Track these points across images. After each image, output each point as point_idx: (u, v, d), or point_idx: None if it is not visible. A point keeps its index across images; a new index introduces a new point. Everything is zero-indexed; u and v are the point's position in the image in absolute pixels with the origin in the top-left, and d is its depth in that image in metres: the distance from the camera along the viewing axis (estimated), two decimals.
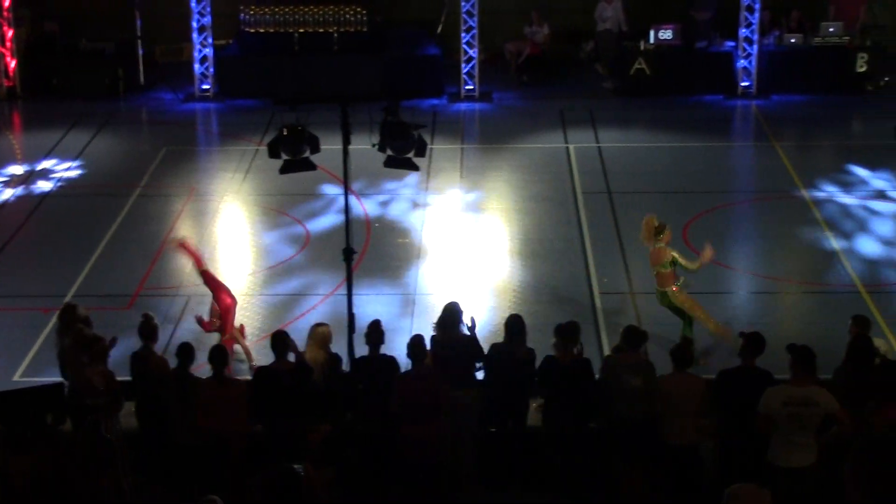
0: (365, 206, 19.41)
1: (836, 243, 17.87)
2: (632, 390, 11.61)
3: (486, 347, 12.51)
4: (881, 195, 19.66)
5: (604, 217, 19.04)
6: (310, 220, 19.01)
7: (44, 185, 20.76)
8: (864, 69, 25.09)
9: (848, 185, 20.17)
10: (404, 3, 27.25)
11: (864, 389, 11.28)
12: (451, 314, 12.58)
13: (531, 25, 26.35)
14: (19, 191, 20.55)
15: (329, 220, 18.85)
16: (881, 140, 21.83)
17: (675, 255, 14.62)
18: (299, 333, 12.93)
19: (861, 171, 20.69)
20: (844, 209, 19.17)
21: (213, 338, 14.28)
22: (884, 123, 22.40)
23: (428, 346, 12.09)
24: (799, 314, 16.13)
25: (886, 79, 25.21)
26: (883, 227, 18.52)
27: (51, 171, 21.37)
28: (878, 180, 20.25)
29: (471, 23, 24.94)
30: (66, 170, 21.44)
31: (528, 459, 12.16)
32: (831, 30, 25.13)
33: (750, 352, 11.51)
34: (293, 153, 12.99)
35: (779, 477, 10.62)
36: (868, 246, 17.84)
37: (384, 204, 19.61)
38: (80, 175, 21.26)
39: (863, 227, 18.53)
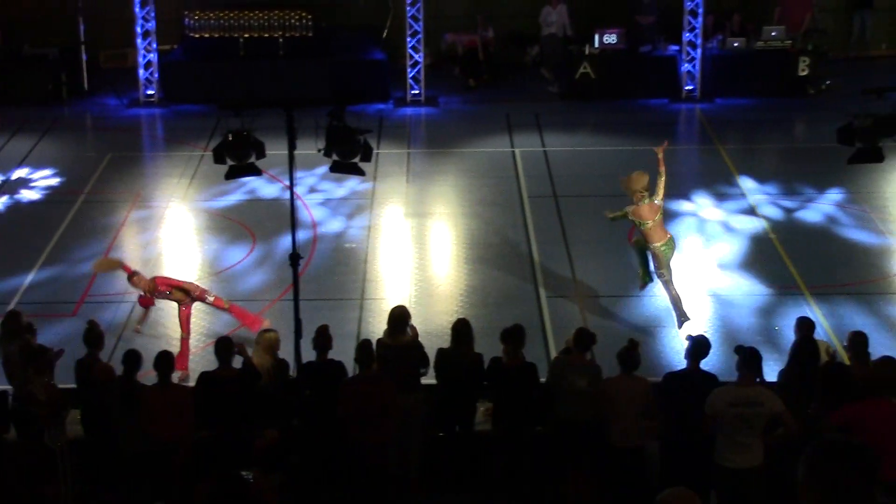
0: (311, 212, 19.37)
1: (780, 245, 18.02)
2: (577, 392, 11.68)
3: (433, 352, 12.53)
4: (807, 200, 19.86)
5: (550, 220, 19.11)
6: (256, 226, 18.94)
7: None
8: (805, 73, 25.36)
9: (788, 187, 20.36)
10: (350, 8, 27.23)
11: (809, 391, 11.40)
12: (397, 319, 12.59)
13: (477, 30, 26.44)
14: None
15: (275, 225, 18.78)
16: (824, 142, 22.03)
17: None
18: (246, 339, 12.89)
19: (804, 171, 20.91)
20: (787, 211, 19.34)
21: (160, 344, 14.20)
22: (826, 126, 22.59)
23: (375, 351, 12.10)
24: (746, 316, 16.25)
25: (828, 82, 25.48)
26: (826, 229, 18.70)
27: None
28: (827, 177, 20.46)
29: (416, 27, 24.97)
30: (9, 176, 21.25)
31: (476, 463, 12.19)
32: (774, 34, 25.37)
33: (695, 355, 11.59)
34: (239, 158, 12.96)
35: (725, 477, 10.71)
36: (811, 248, 18.01)
37: (332, 208, 19.57)
38: (24, 181, 21.07)
39: (806, 229, 18.70)
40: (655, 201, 15.11)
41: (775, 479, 10.79)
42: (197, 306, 15.13)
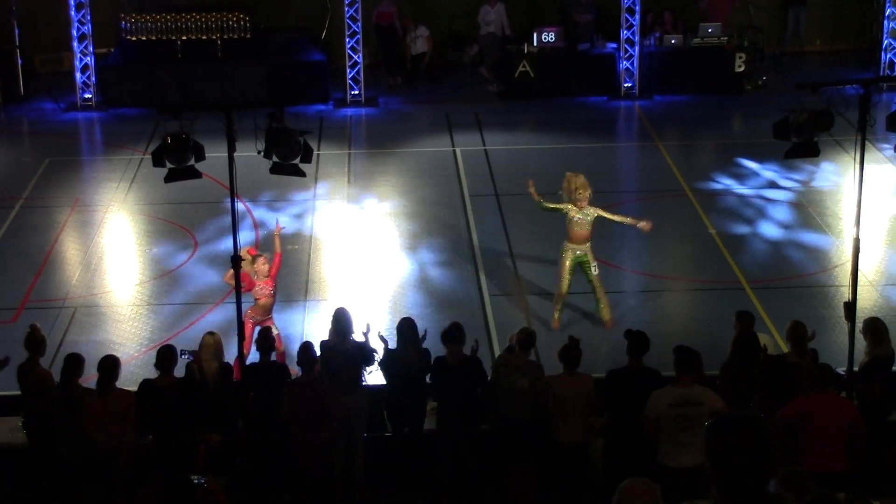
0: (253, 214, 19.30)
1: (719, 240, 18.18)
2: (519, 391, 11.74)
3: (379, 352, 12.56)
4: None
5: (492, 219, 19.16)
6: (197, 229, 18.85)
7: None
8: (742, 69, 25.58)
9: (729, 182, 20.55)
10: (288, 9, 27.13)
11: (750, 384, 11.52)
12: (340, 320, 12.59)
13: (412, 31, 26.39)
14: None
15: (216, 228, 18.71)
16: (761, 138, 22.23)
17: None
18: (189, 343, 12.83)
19: (745, 168, 21.11)
20: (726, 206, 19.51)
21: (104, 348, 14.08)
22: (763, 121, 22.80)
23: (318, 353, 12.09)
24: (685, 311, 16.38)
25: (764, 78, 25.73)
26: (765, 224, 18.88)
27: None
28: (765, 172, 20.66)
29: (355, 28, 24.93)
30: None
31: (421, 463, 12.22)
32: (710, 31, 25.56)
33: (635, 351, 11.66)
34: (178, 161, 12.88)
35: (668, 477, 10.77)
36: (751, 242, 18.19)
37: (273, 210, 19.51)
38: None
39: (746, 223, 18.87)
40: (597, 214, 15.20)
41: (718, 475, 10.87)
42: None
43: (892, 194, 19.84)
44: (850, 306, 12.59)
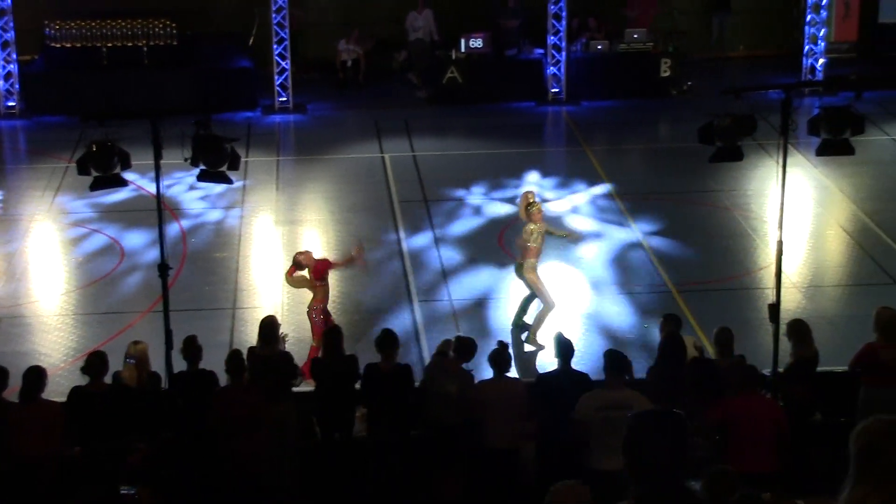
0: (180, 222, 19.18)
1: (646, 244, 18.33)
2: (447, 396, 11.78)
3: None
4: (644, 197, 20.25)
5: (421, 225, 19.19)
6: (124, 237, 18.71)
7: None
8: (668, 74, 25.84)
9: (652, 187, 20.75)
10: (215, 16, 26.99)
11: (677, 387, 11.62)
12: (268, 328, 12.56)
13: (348, 40, 26.32)
14: None
15: (143, 236, 18.56)
16: (687, 142, 22.46)
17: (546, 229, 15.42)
18: (116, 352, 12.73)
19: (668, 171, 21.33)
20: (653, 210, 19.66)
21: (30, 359, 13.92)
22: (688, 126, 23.04)
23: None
24: (613, 316, 16.50)
25: (689, 83, 25.99)
26: (691, 228, 19.07)
27: None
28: (687, 176, 20.86)
29: (282, 34, 24.87)
30: None
31: (352, 469, 12.21)
32: (636, 36, 25.80)
33: (563, 355, 11.71)
34: (103, 169, 12.78)
35: (598, 480, 10.82)
36: (677, 246, 18.35)
37: (201, 218, 19.41)
38: None
39: (672, 227, 19.03)
40: (546, 228, 15.37)
41: (636, 473, 10.96)
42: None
43: (813, 197, 20.12)
44: (775, 308, 12.75)
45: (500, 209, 19.61)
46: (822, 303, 16.52)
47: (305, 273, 14.61)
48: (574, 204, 20.01)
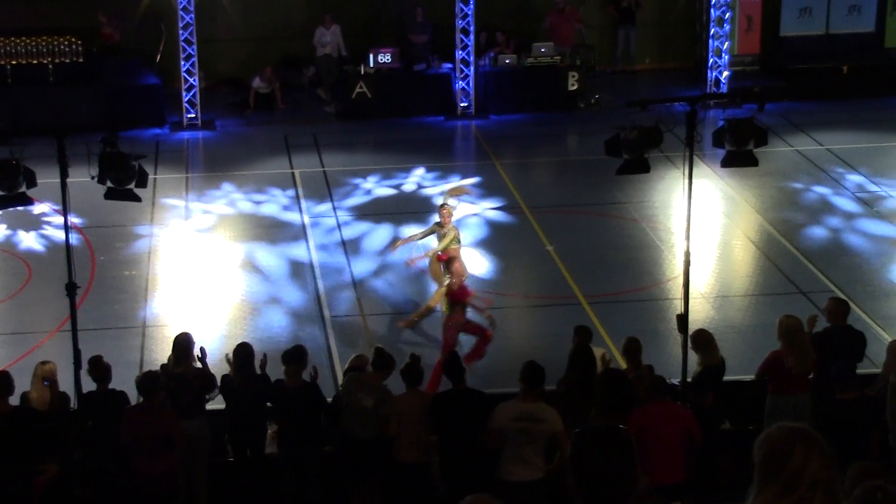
0: (89, 240, 18.96)
1: (557, 256, 18.46)
2: (363, 410, 11.78)
3: (219, 377, 12.48)
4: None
5: (332, 239, 19.17)
6: (31, 256, 18.47)
7: None
8: (575, 87, 26.07)
9: (565, 199, 20.92)
10: (121, 33, 26.68)
11: (587, 398, 11.72)
12: (182, 345, 12.48)
13: (262, 78, 26.02)
14: None
15: (52, 255, 18.32)
16: (594, 155, 22.68)
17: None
18: (23, 373, 12.57)
19: (580, 184, 21.51)
20: (562, 223, 19.81)
21: None
22: (595, 139, 23.27)
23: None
24: (524, 327, 16.61)
25: (597, 96, 26.25)
26: (600, 240, 19.24)
27: None
28: (600, 189, 21.04)
29: (190, 51, 24.71)
30: None
31: (264, 487, 12.17)
32: (543, 50, 25.98)
33: (455, 374, 11.71)
34: (8, 188, 12.62)
35: (508, 491, 10.88)
36: (587, 258, 18.50)
37: (110, 236, 19.20)
38: None
39: (581, 239, 19.19)
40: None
41: (557, 491, 11.07)
42: None
43: (720, 208, 20.41)
44: (683, 319, 12.90)
45: (411, 222, 19.61)
46: (729, 313, 16.76)
47: (446, 276, 14.90)
48: (483, 216, 20.09)
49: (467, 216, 19.67)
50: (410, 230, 17.94)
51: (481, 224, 19.83)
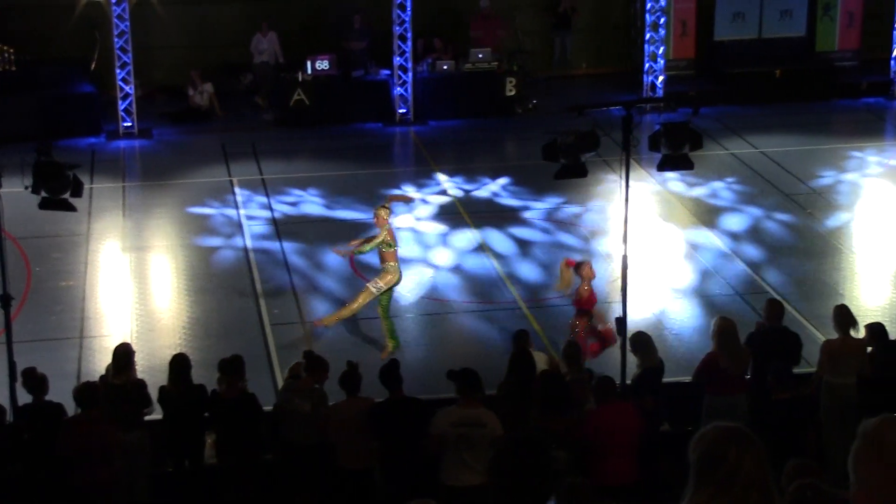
0: (24, 250, 18.76)
1: (497, 263, 18.50)
2: (302, 416, 11.77)
3: (156, 388, 12.40)
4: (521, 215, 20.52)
5: (271, 247, 19.11)
6: None
7: None
8: (513, 93, 26.18)
9: (500, 204, 20.99)
10: (55, 41, 26.48)
11: (527, 401, 11.78)
12: (122, 356, 12.40)
13: (193, 86, 25.87)
14: None
15: None
16: (532, 160, 22.77)
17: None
18: None
19: (518, 189, 21.57)
20: (502, 227, 19.86)
21: None
22: (533, 144, 23.35)
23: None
24: (463, 333, 16.63)
25: (534, 101, 26.37)
26: (539, 244, 19.31)
27: None
28: (538, 195, 21.12)
29: (125, 59, 24.53)
30: None
31: (203, 497, 12.11)
32: (480, 56, 26.06)
33: (392, 383, 11.70)
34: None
35: (449, 496, 10.91)
36: (526, 262, 18.56)
37: (45, 246, 19.01)
38: None
39: (521, 244, 19.25)
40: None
41: (501, 495, 11.08)
42: None
43: (657, 211, 20.55)
44: (621, 322, 13.00)
45: (350, 229, 19.59)
46: (668, 315, 16.87)
47: (575, 279, 15.02)
48: (421, 220, 20.11)
49: (408, 226, 19.67)
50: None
51: (419, 230, 19.83)
